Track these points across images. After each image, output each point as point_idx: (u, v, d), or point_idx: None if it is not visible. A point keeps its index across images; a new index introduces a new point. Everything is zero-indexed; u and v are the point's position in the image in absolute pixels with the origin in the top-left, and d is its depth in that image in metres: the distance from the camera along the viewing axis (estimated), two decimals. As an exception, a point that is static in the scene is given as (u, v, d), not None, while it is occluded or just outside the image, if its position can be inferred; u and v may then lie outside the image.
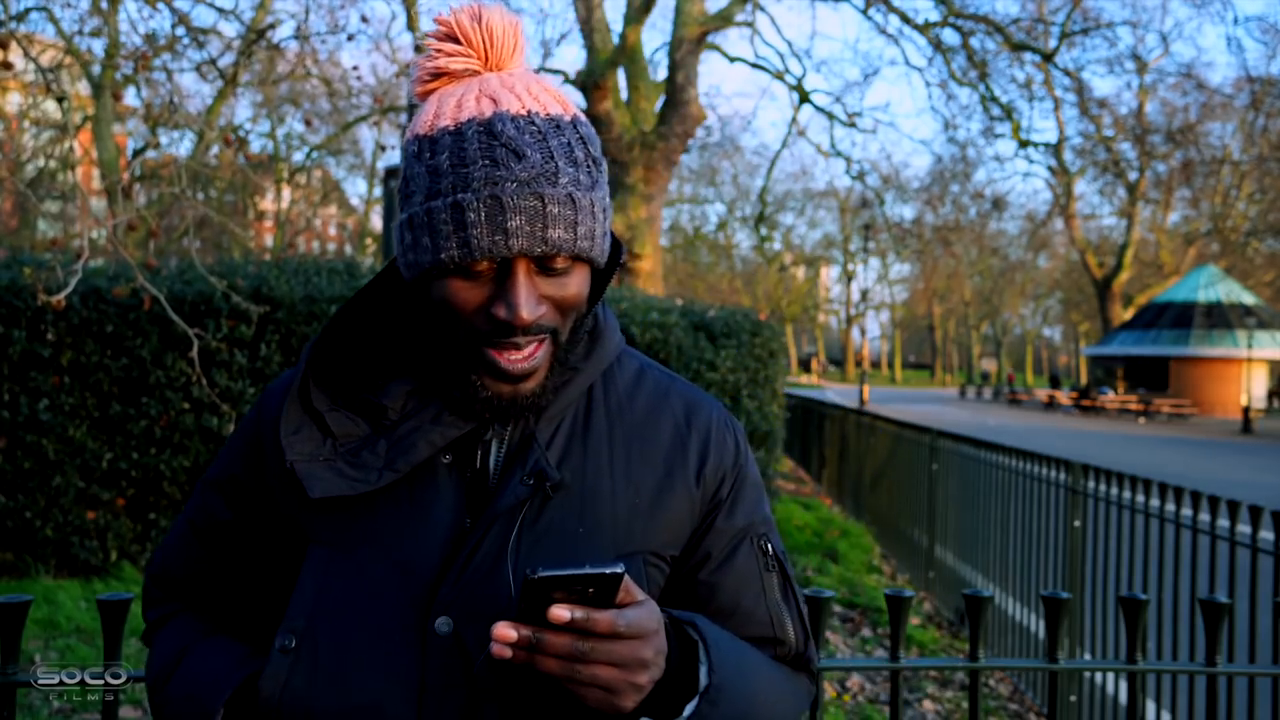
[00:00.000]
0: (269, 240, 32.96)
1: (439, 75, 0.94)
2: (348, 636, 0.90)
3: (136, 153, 19.45)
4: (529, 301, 0.87)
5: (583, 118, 0.95)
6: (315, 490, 0.91)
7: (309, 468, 0.93)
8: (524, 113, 0.88)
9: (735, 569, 1.01)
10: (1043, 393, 41.38)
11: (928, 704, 4.35)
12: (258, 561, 1.04)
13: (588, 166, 0.90)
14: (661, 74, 14.15)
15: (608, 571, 0.77)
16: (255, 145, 25.17)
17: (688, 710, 0.87)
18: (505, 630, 0.77)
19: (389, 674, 0.88)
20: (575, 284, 0.91)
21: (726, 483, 1.03)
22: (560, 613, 0.76)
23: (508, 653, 0.77)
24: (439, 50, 0.94)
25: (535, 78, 0.94)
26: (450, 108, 0.90)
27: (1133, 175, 36.52)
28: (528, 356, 0.90)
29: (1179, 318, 35.76)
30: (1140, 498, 3.51)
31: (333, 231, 46.28)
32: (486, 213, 0.85)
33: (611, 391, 1.03)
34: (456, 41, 0.93)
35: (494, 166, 0.86)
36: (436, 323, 0.92)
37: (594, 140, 0.93)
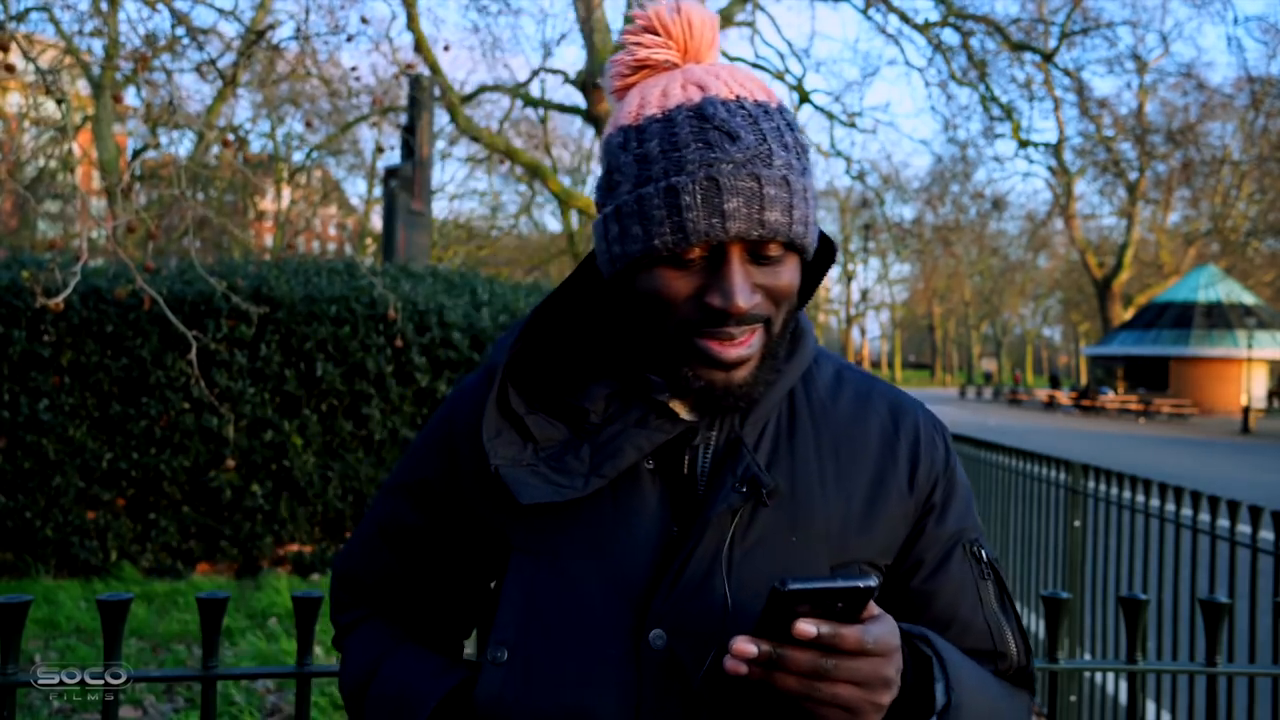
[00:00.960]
0: (269, 240, 32.96)
1: (639, 69, 0.93)
2: (560, 649, 0.87)
3: (136, 153, 19.46)
4: (744, 288, 0.84)
5: (787, 106, 0.93)
6: (524, 496, 0.88)
7: (514, 473, 0.90)
8: (733, 97, 0.86)
9: (950, 576, 0.97)
10: (1043, 393, 41.38)
11: (928, 704, 4.35)
12: (448, 567, 1.02)
13: (797, 152, 0.88)
14: (661, 74, 14.13)
15: (860, 585, 0.73)
16: (255, 145, 25.20)
17: None
18: (745, 646, 0.73)
19: (603, 687, 0.85)
20: (788, 273, 0.88)
21: (939, 487, 0.99)
22: (807, 628, 0.72)
23: (743, 669, 0.74)
24: (638, 43, 0.92)
25: (737, 67, 0.92)
26: (655, 96, 0.88)
27: (1133, 175, 36.52)
28: (740, 344, 0.87)
29: (1179, 318, 35.77)
30: (1140, 498, 3.51)
31: (333, 231, 46.26)
32: (703, 195, 0.82)
33: (813, 394, 0.99)
34: (655, 34, 0.92)
35: (708, 149, 0.83)
36: (644, 316, 0.89)
37: (799, 129, 0.91)
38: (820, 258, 0.99)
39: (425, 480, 1.02)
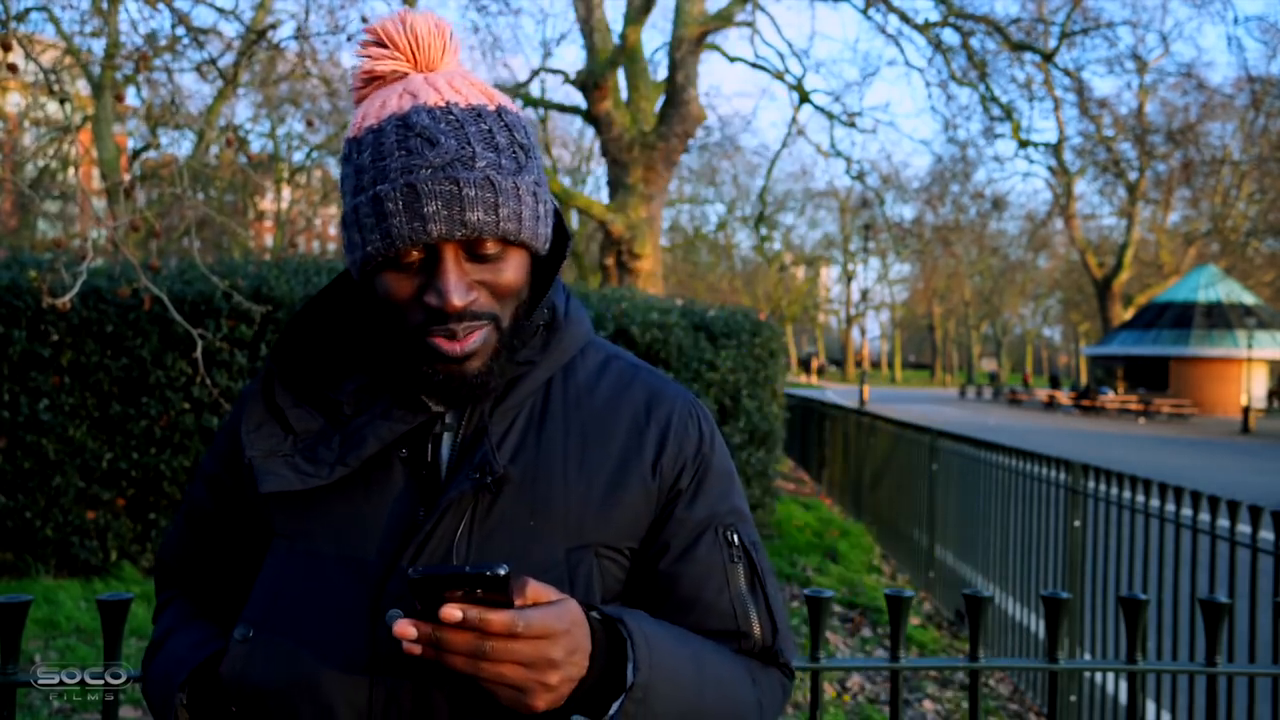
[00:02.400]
0: (269, 240, 32.96)
1: (370, 80, 0.98)
2: (300, 628, 0.91)
3: (137, 153, 19.45)
4: (458, 288, 0.89)
5: (511, 106, 0.97)
6: (265, 485, 0.94)
7: (266, 463, 0.95)
8: (441, 104, 0.91)
9: (696, 560, 1.00)
10: (1043, 393, 41.38)
11: (928, 704, 4.35)
12: (238, 550, 1.06)
13: (511, 152, 0.92)
14: (661, 74, 14.16)
15: (488, 572, 0.75)
16: (255, 145, 25.19)
17: (613, 709, 0.86)
18: (405, 627, 0.76)
19: (341, 663, 0.89)
20: (510, 269, 0.93)
21: (687, 473, 1.02)
22: (451, 611, 0.76)
23: (417, 649, 0.77)
24: (367, 55, 0.97)
25: (463, 74, 0.97)
26: (375, 109, 0.93)
27: (1133, 175, 36.51)
28: (465, 341, 0.91)
29: (1179, 318, 35.76)
30: (1140, 498, 3.51)
31: (333, 231, 46.25)
32: (404, 201, 0.87)
33: (571, 383, 1.03)
34: (382, 46, 0.96)
35: (409, 155, 0.88)
36: (382, 316, 0.95)
37: (521, 127, 0.95)
38: (557, 249, 1.03)
39: (217, 469, 1.09)
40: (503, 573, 0.76)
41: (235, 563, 1.07)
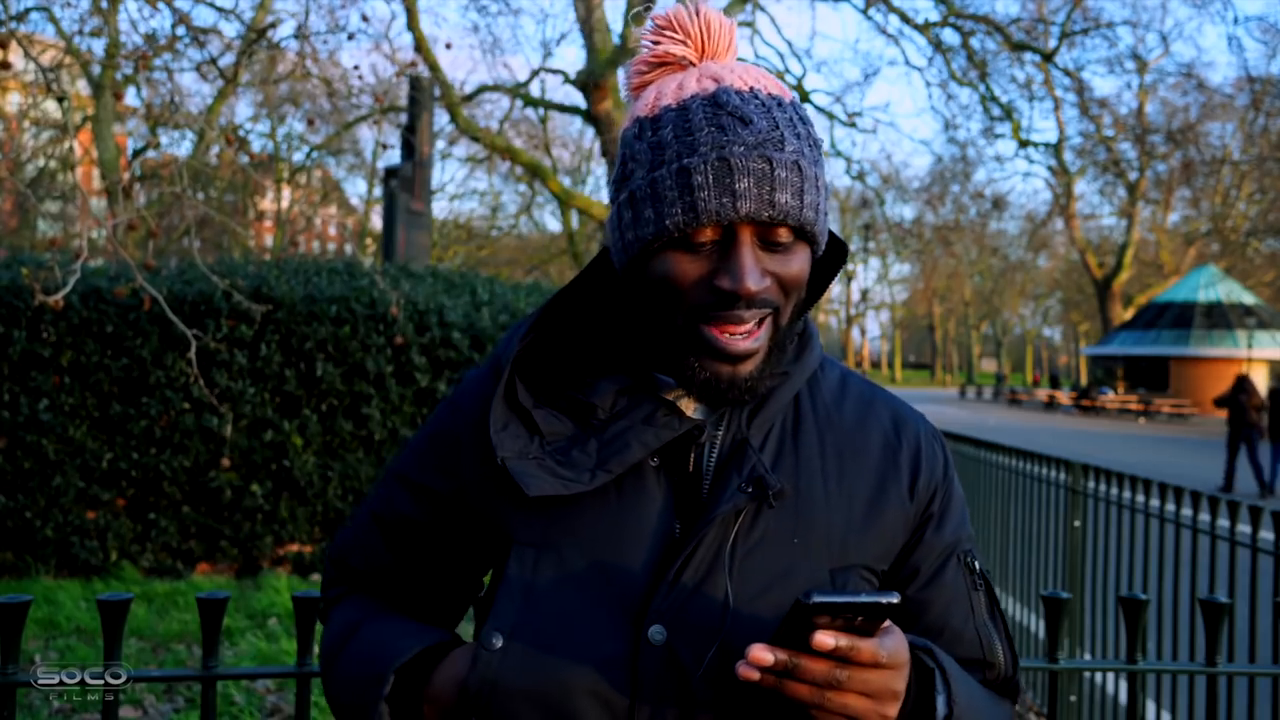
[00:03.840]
0: (269, 240, 32.96)
1: (657, 66, 0.95)
2: (558, 639, 0.87)
3: (136, 153, 19.46)
4: (754, 271, 0.85)
5: (800, 103, 0.95)
6: (532, 489, 0.88)
7: (521, 465, 0.90)
8: (747, 88, 0.89)
9: (944, 586, 0.98)
10: (1043, 393, 41.38)
11: (928, 704, 4.35)
12: (440, 560, 1.02)
13: (810, 143, 0.90)
14: (661, 74, 14.13)
15: (883, 601, 0.73)
16: (255, 145, 25.17)
17: None
18: (763, 654, 0.73)
19: (601, 679, 0.85)
20: (798, 262, 0.89)
21: (938, 496, 1.00)
22: (826, 640, 0.73)
23: (755, 675, 0.74)
24: (657, 40, 0.95)
25: (753, 67, 0.94)
26: (671, 89, 0.90)
27: (1133, 175, 36.53)
28: (749, 335, 0.88)
29: (1179, 318, 35.76)
30: (1140, 498, 3.51)
31: (333, 231, 46.26)
32: (714, 175, 0.84)
33: (819, 399, 1.00)
34: (674, 33, 0.95)
35: (721, 132, 0.85)
36: (654, 304, 0.89)
37: (812, 124, 0.94)
38: (829, 259, 1.00)
39: (426, 472, 1.03)
40: (895, 600, 0.74)
41: (432, 573, 1.03)
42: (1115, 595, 3.53)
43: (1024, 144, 22.85)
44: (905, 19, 16.10)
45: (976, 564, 1.01)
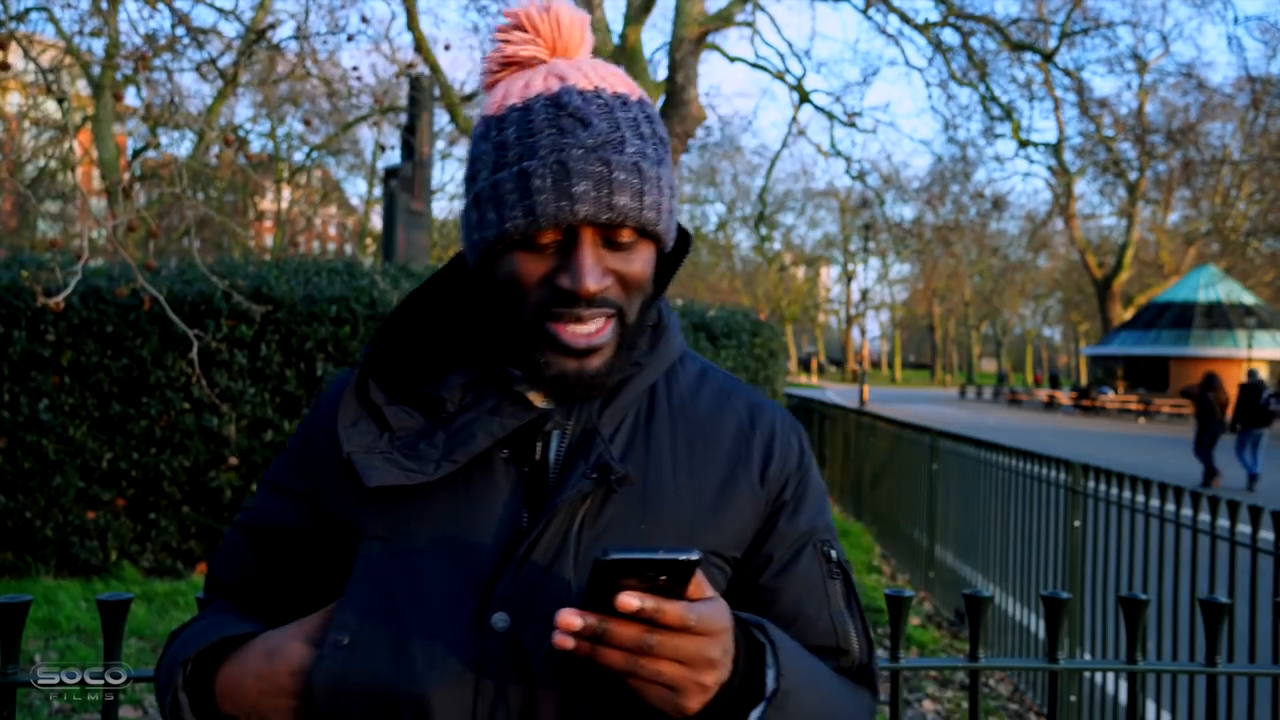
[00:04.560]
0: (269, 240, 32.96)
1: (507, 65, 0.96)
2: (403, 631, 0.88)
3: (136, 153, 19.46)
4: (594, 271, 0.87)
5: (649, 100, 0.95)
6: (372, 479, 0.90)
7: (366, 459, 0.92)
8: (590, 88, 0.90)
9: (798, 574, 0.99)
10: (1043, 393, 41.37)
11: (928, 704, 4.35)
12: (306, 570, 1.02)
13: (654, 142, 0.91)
14: (661, 74, 14.15)
15: (682, 558, 0.73)
16: (255, 145, 25.17)
17: (754, 715, 0.84)
18: (570, 618, 0.74)
19: (445, 668, 0.86)
20: (641, 261, 0.91)
21: (790, 485, 1.01)
22: (629, 600, 0.73)
23: (570, 643, 0.74)
24: (506, 39, 0.95)
25: (603, 63, 0.95)
26: (518, 88, 0.92)
27: (1133, 175, 36.53)
28: (592, 333, 0.89)
29: (1179, 318, 35.77)
30: (1140, 498, 3.51)
31: (333, 231, 46.27)
32: (553, 178, 0.85)
33: (675, 390, 1.01)
34: (524, 31, 0.95)
35: (560, 135, 0.87)
36: (501, 303, 0.92)
37: (659, 121, 0.94)
38: (677, 250, 1.01)
39: (289, 479, 1.04)
40: (695, 557, 0.73)
41: (299, 580, 1.03)
42: (1115, 595, 3.53)
43: (1024, 144, 22.85)
44: (905, 19, 16.10)
45: (833, 553, 1.02)
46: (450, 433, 0.93)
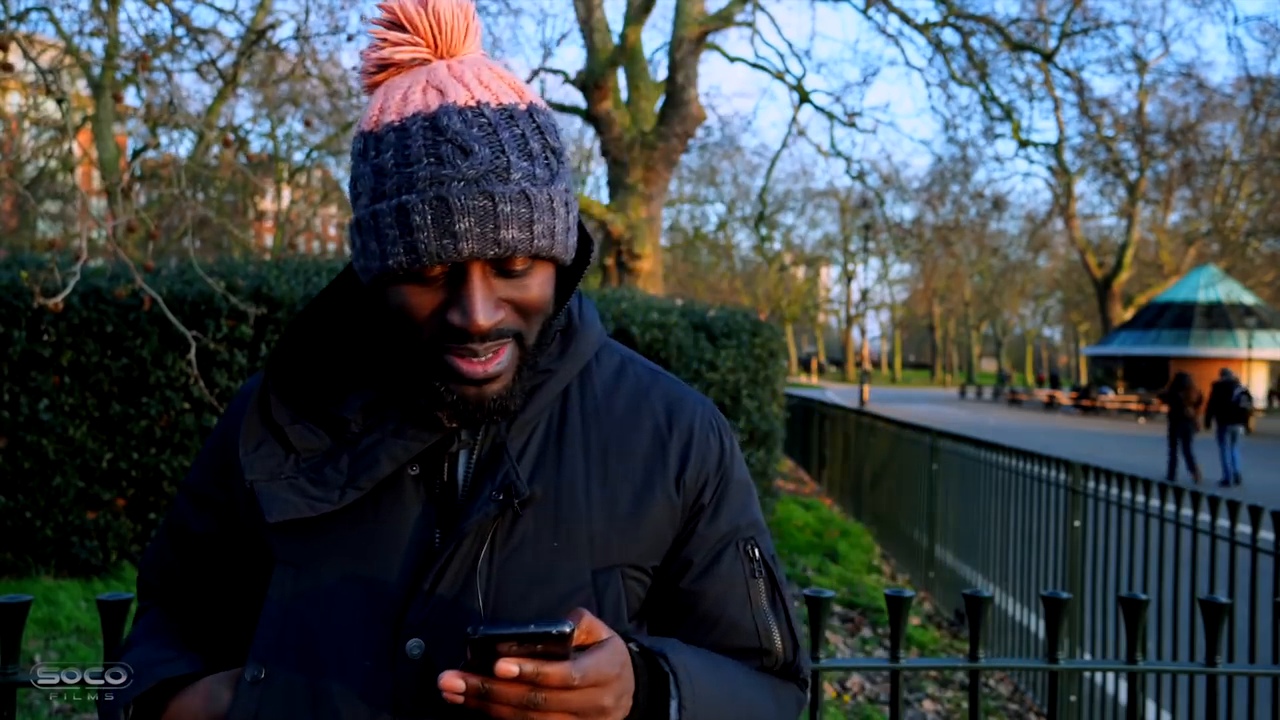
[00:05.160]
0: (269, 240, 32.95)
1: (385, 67, 0.89)
2: (317, 663, 0.86)
3: (136, 153, 19.45)
4: (485, 307, 0.82)
5: (541, 104, 0.89)
6: (273, 514, 0.87)
7: (269, 488, 0.89)
8: (473, 104, 0.83)
9: (719, 576, 0.97)
10: (1043, 393, 41.36)
11: (928, 704, 4.35)
12: (225, 574, 1.01)
13: (545, 158, 0.85)
14: (661, 74, 14.15)
15: (554, 630, 0.74)
16: (255, 145, 25.18)
17: None
18: (452, 680, 0.73)
19: (361, 699, 0.85)
20: (537, 284, 0.86)
21: (709, 488, 0.98)
22: (508, 667, 0.72)
23: (459, 699, 0.74)
24: (384, 40, 0.88)
25: (488, 64, 0.89)
26: (396, 102, 0.85)
27: (1133, 175, 36.51)
28: (488, 362, 0.85)
29: (1179, 318, 35.76)
30: (1140, 498, 3.51)
31: (333, 231, 46.25)
32: (433, 215, 0.80)
33: (588, 392, 0.98)
34: (402, 29, 0.87)
35: (439, 165, 0.80)
36: (394, 329, 0.87)
37: (553, 129, 0.88)
38: (580, 257, 0.96)
39: (206, 484, 1.02)
40: (568, 630, 0.74)
41: (224, 585, 1.01)
42: (1115, 595, 3.53)
43: (1024, 144, 22.86)
44: (905, 19, 16.10)
45: (757, 551, 1.00)
46: (354, 455, 0.89)
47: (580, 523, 0.91)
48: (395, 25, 0.88)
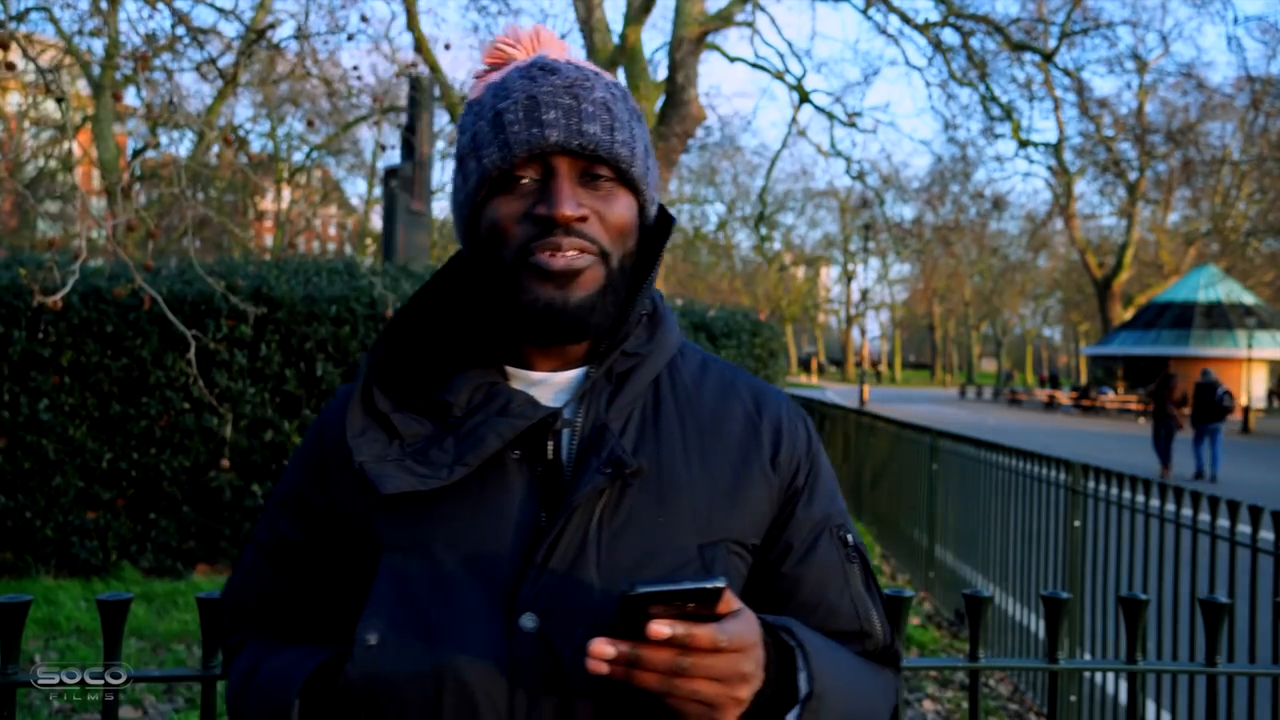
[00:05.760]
0: (269, 240, 32.96)
1: (495, 67, 1.01)
2: (432, 633, 0.87)
3: (136, 153, 19.46)
4: (569, 198, 0.88)
5: (622, 84, 1.00)
6: (386, 487, 0.89)
7: (378, 467, 0.91)
8: (564, 59, 0.97)
9: (817, 561, 0.99)
10: (1043, 393, 41.37)
11: (928, 704, 4.35)
12: (330, 580, 1.02)
13: (625, 104, 0.96)
14: (661, 74, 14.15)
15: (709, 586, 0.74)
16: (255, 145, 25.18)
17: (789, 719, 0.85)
18: (602, 647, 0.75)
19: (478, 673, 0.86)
20: (621, 207, 0.93)
21: (802, 471, 1.01)
22: (659, 628, 0.73)
23: (604, 668, 0.75)
24: (499, 48, 1.02)
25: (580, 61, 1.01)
26: (497, 75, 0.97)
27: (1133, 175, 36.52)
28: (572, 258, 0.89)
29: (1179, 318, 35.75)
30: (1140, 498, 3.51)
31: (333, 231, 46.24)
32: (524, 111, 0.89)
33: (678, 382, 1.01)
34: (511, 46, 1.01)
35: (531, 81, 0.92)
36: (488, 257, 0.93)
37: (630, 97, 0.98)
38: (660, 231, 1.02)
39: (300, 494, 1.03)
40: (721, 585, 0.75)
41: (324, 596, 1.02)
42: (1115, 595, 3.53)
43: (1024, 144, 22.85)
44: (905, 19, 16.10)
45: (850, 537, 1.02)
46: (460, 436, 0.92)
47: (683, 498, 0.94)
48: (506, 45, 1.02)
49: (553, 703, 0.86)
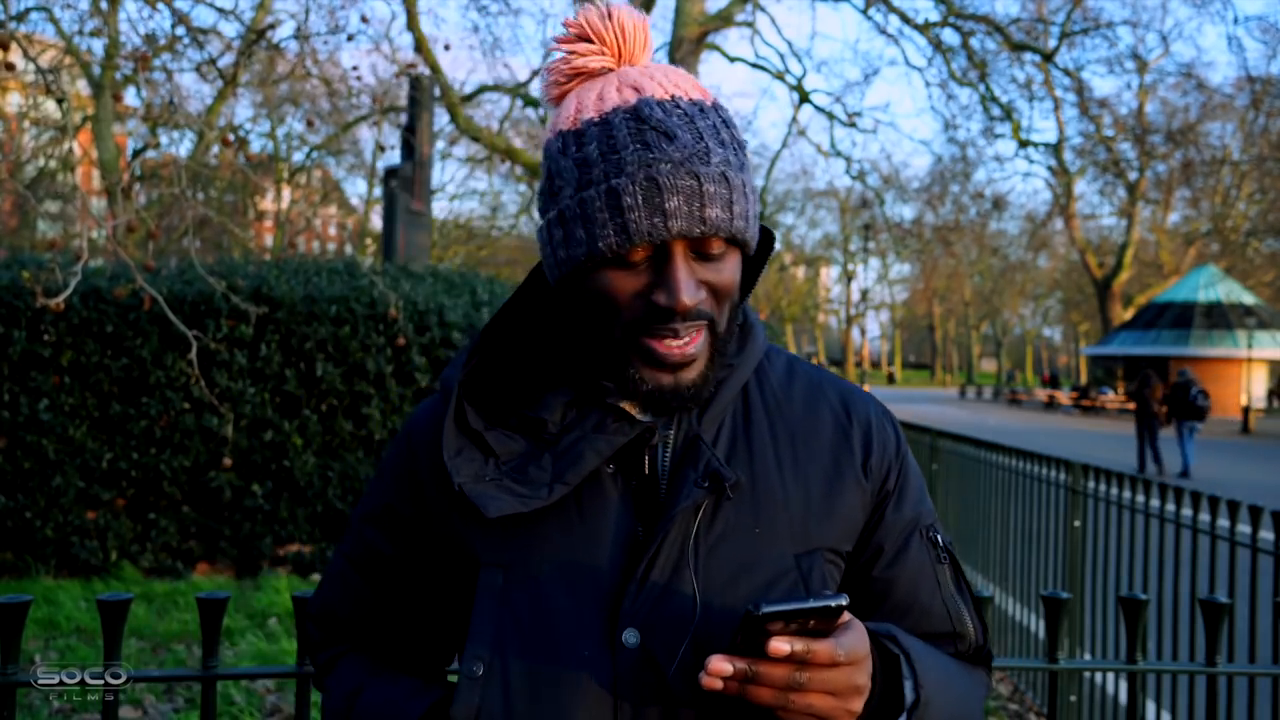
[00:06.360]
0: (269, 240, 32.95)
1: (574, 76, 0.94)
2: (536, 657, 0.88)
3: (136, 153, 19.45)
4: (689, 286, 0.86)
5: (721, 104, 0.94)
6: (491, 510, 0.88)
7: (478, 488, 0.90)
8: (668, 97, 0.88)
9: (909, 563, 0.99)
10: (1043, 393, 41.36)
11: (928, 704, 4.35)
12: (422, 591, 1.02)
13: (734, 148, 0.90)
14: (661, 74, 14.13)
15: (832, 604, 0.74)
16: (255, 145, 25.18)
17: None
18: (721, 664, 0.74)
19: (582, 691, 0.86)
20: (730, 269, 0.90)
21: (892, 473, 1.01)
22: (781, 646, 0.74)
23: (719, 684, 0.75)
24: (573, 50, 0.94)
25: (671, 67, 0.94)
26: (592, 101, 0.90)
27: (1133, 175, 36.50)
28: (686, 345, 0.88)
29: (1179, 318, 35.74)
30: (1140, 498, 3.51)
31: (333, 231, 46.23)
32: (644, 195, 0.84)
33: (767, 387, 1.01)
34: (589, 41, 0.94)
35: (646, 149, 0.85)
36: (592, 320, 0.90)
37: (735, 125, 0.93)
38: (761, 251, 1.01)
39: (390, 507, 1.03)
40: (844, 602, 0.75)
41: (415, 606, 1.03)
42: (1115, 595, 3.53)
43: (1024, 144, 22.83)
44: (905, 19, 16.11)
45: (939, 538, 1.02)
46: (557, 454, 0.92)
47: (778, 508, 0.93)
48: (582, 39, 0.94)
49: (655, 716, 0.86)
